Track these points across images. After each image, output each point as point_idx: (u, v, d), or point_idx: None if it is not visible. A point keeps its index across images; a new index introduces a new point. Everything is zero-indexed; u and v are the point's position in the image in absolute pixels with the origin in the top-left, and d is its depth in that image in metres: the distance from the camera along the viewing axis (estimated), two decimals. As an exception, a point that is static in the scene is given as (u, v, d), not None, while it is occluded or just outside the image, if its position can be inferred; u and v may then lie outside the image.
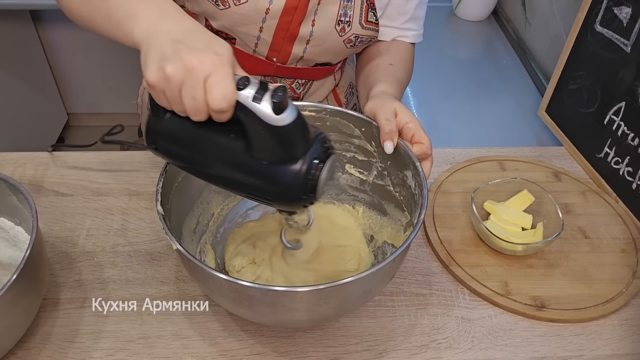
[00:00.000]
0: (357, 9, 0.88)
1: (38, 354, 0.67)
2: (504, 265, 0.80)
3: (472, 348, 0.70)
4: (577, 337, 0.72)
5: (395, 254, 0.57)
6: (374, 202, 0.80)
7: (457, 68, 1.57)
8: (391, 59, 0.92)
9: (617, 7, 0.91)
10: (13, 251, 0.72)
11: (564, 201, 0.91)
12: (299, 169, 0.53)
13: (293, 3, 0.84)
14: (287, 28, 0.87)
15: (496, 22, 1.74)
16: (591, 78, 0.98)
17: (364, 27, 0.90)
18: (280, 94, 0.50)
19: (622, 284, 0.78)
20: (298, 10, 0.85)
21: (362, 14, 0.89)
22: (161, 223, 0.59)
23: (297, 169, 0.53)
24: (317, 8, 0.86)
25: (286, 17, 0.85)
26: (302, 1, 0.84)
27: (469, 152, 1.00)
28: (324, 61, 0.96)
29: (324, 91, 1.05)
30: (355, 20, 0.89)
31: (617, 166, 0.92)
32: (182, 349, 0.68)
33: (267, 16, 0.85)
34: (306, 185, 0.54)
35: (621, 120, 0.91)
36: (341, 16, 0.88)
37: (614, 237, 0.85)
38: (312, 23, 0.87)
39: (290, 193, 0.55)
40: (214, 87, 0.50)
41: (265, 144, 0.53)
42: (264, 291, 0.55)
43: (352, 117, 0.74)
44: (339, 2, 0.87)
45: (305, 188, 0.54)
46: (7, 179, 0.69)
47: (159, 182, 0.63)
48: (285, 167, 0.54)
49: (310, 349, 0.69)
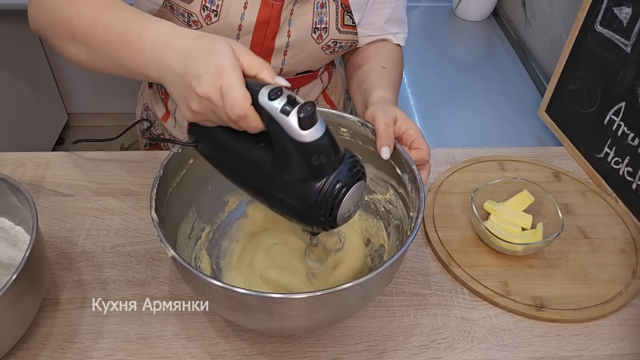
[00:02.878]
0: (333, 14, 0.88)
1: (37, 354, 0.67)
2: (503, 266, 0.80)
3: (471, 348, 0.70)
4: (576, 337, 0.72)
5: (393, 259, 0.57)
6: (369, 206, 0.80)
7: (457, 68, 1.57)
8: (383, 62, 0.92)
9: (617, 7, 0.91)
10: (13, 251, 0.72)
11: (564, 201, 0.91)
12: (319, 188, 0.53)
13: (265, 17, 0.83)
14: (262, 42, 0.86)
15: (496, 22, 1.74)
16: (591, 78, 0.98)
17: (341, 31, 0.90)
18: (308, 108, 0.50)
19: (622, 284, 0.78)
20: (270, 24, 0.84)
21: (338, 19, 0.88)
22: (156, 230, 0.59)
23: (316, 189, 0.53)
24: (290, 19, 0.85)
25: (260, 31, 0.85)
26: (273, 14, 0.83)
27: (468, 152, 1.00)
28: (304, 69, 0.96)
29: (312, 95, 1.06)
30: (332, 26, 0.88)
31: (617, 166, 0.92)
32: (182, 349, 0.68)
33: (241, 32, 0.85)
34: (325, 207, 0.54)
35: (621, 120, 0.91)
36: (316, 23, 0.87)
37: (613, 238, 0.85)
38: (288, 34, 0.87)
39: (307, 212, 0.55)
40: (227, 100, 0.53)
41: (290, 158, 0.53)
42: (261, 298, 0.54)
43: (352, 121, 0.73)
44: (312, 10, 0.86)
45: (324, 210, 0.54)
46: (7, 179, 0.69)
47: (153, 189, 0.63)
48: (306, 185, 0.53)
49: (310, 349, 0.69)
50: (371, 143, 0.72)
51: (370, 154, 0.73)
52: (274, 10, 0.83)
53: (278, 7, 0.83)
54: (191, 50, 0.57)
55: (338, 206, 0.54)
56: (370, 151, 0.73)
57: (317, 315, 0.58)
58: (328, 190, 0.53)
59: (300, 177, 0.53)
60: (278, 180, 0.55)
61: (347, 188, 0.53)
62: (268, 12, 0.83)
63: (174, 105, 1.02)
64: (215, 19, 0.83)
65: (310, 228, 0.57)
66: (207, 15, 0.83)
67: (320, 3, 0.87)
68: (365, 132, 0.73)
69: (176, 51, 0.58)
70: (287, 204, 0.56)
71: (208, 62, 0.54)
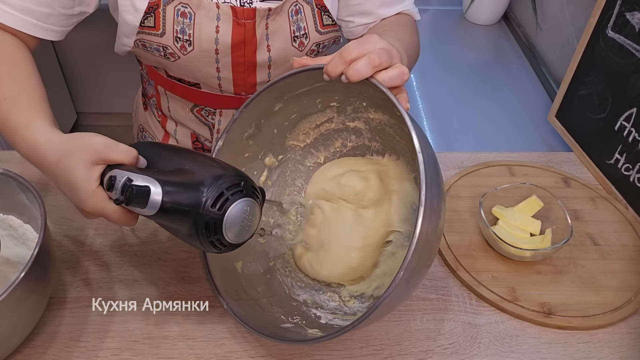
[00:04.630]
0: (310, 18, 0.86)
1: (44, 352, 0.68)
2: (511, 271, 0.79)
3: (478, 354, 0.70)
4: (584, 345, 0.71)
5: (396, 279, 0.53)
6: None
7: (467, 72, 1.56)
8: (384, 28, 0.89)
9: (629, 13, 0.90)
10: (21, 249, 0.72)
11: (573, 207, 0.90)
12: (198, 235, 0.56)
13: (239, 37, 0.82)
14: (243, 61, 0.85)
15: (507, 26, 1.73)
16: (602, 84, 0.97)
17: (322, 32, 0.88)
18: (132, 191, 0.54)
19: (631, 292, 0.77)
20: (247, 42, 0.83)
21: (316, 21, 0.87)
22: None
23: (197, 235, 0.56)
24: (266, 33, 0.84)
25: (238, 51, 0.84)
26: (248, 33, 0.82)
27: (477, 157, 1.00)
28: None
29: None
30: (311, 30, 0.87)
31: (628, 173, 0.91)
32: (187, 350, 0.68)
33: (219, 56, 0.84)
34: (215, 244, 0.57)
35: (632, 126, 0.90)
36: (295, 32, 0.86)
37: (623, 245, 0.84)
38: (268, 49, 0.86)
39: (213, 249, 0.58)
40: (108, 218, 0.59)
41: (164, 225, 0.60)
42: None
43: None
44: (287, 20, 0.85)
45: (218, 245, 0.57)
46: (16, 177, 0.69)
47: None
48: (193, 232, 0.56)
49: (315, 352, 0.69)
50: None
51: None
52: (247, 29, 0.82)
53: (251, 25, 0.82)
54: (58, 178, 0.61)
55: (222, 237, 0.56)
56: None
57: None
58: (200, 230, 0.55)
59: (183, 232, 0.57)
60: (179, 237, 0.60)
61: (218, 222, 0.55)
62: (242, 32, 0.82)
63: (174, 126, 1.01)
64: (190, 48, 0.82)
65: (224, 252, 0.60)
66: (181, 46, 0.82)
67: (294, 10, 0.85)
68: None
69: (47, 172, 0.63)
70: (201, 247, 0.58)
71: (73, 198, 0.60)
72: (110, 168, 0.59)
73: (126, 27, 0.83)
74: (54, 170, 0.60)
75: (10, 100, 0.67)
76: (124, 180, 0.56)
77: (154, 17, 0.81)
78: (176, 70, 0.88)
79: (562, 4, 1.41)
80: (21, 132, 0.64)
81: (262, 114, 0.72)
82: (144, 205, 0.55)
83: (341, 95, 0.72)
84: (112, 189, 0.57)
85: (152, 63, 0.91)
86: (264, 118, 0.72)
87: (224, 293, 0.66)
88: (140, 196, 0.54)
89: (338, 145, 0.79)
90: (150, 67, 0.94)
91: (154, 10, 0.80)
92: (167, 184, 0.55)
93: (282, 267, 0.76)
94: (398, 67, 0.58)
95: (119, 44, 0.88)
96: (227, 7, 0.81)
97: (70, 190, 0.59)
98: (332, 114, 0.75)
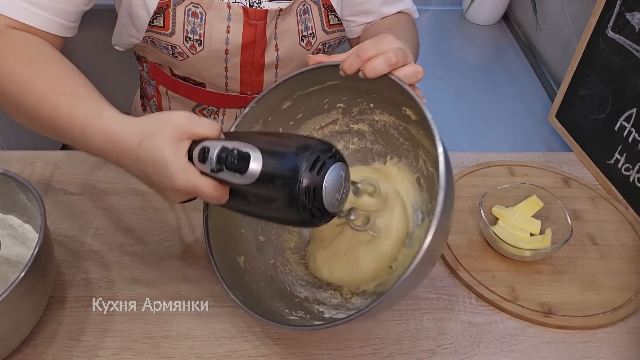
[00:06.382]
0: (317, 17, 0.87)
1: (44, 351, 0.68)
2: (511, 271, 0.79)
3: (478, 354, 0.70)
4: (584, 345, 0.71)
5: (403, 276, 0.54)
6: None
7: (467, 72, 1.56)
8: (387, 26, 0.89)
9: (629, 13, 0.90)
10: (21, 249, 0.72)
11: (573, 207, 0.90)
12: (295, 201, 0.53)
13: (250, 38, 0.83)
14: (252, 61, 0.86)
15: (507, 26, 1.73)
16: (602, 84, 0.97)
17: (329, 32, 0.89)
18: (234, 155, 0.52)
19: (631, 292, 0.77)
20: (257, 43, 0.84)
21: (323, 21, 0.87)
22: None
23: (294, 202, 0.53)
24: (275, 33, 0.85)
25: (247, 51, 0.84)
26: (258, 33, 0.83)
27: (477, 157, 1.00)
28: None
29: None
30: (318, 29, 0.87)
31: (628, 173, 0.91)
32: (187, 350, 0.69)
33: (228, 56, 0.84)
34: (312, 211, 0.54)
35: (632, 126, 0.90)
36: (302, 31, 0.86)
37: (623, 244, 0.84)
38: (276, 48, 0.86)
39: (304, 220, 0.55)
40: (200, 196, 0.56)
41: (255, 195, 0.56)
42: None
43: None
44: (296, 19, 0.85)
45: (313, 214, 0.54)
46: (16, 177, 0.69)
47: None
48: (288, 202, 0.54)
49: (315, 351, 0.69)
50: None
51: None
52: (258, 30, 0.82)
53: (262, 26, 0.82)
54: (141, 161, 0.57)
55: (322, 203, 0.54)
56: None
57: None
58: (301, 197, 0.53)
59: (279, 203, 0.54)
60: (269, 210, 0.57)
61: (318, 186, 0.53)
62: (252, 32, 0.82)
63: None
64: (200, 48, 0.82)
65: (316, 226, 0.58)
66: (191, 46, 0.82)
67: (302, 10, 0.85)
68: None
69: (127, 158, 0.58)
70: (287, 221, 0.58)
71: (161, 179, 0.56)
72: (195, 143, 0.56)
73: (138, 21, 0.83)
74: (137, 152, 0.56)
75: (70, 94, 0.64)
76: (219, 150, 0.53)
77: (163, 17, 0.81)
78: (182, 69, 0.88)
79: (562, 4, 1.41)
80: (93, 123, 0.60)
81: (270, 111, 0.72)
82: (244, 170, 0.52)
83: (349, 95, 0.72)
84: (205, 162, 0.54)
85: (158, 60, 0.91)
86: (271, 115, 0.72)
87: (230, 284, 0.66)
88: (241, 161, 0.52)
89: (340, 148, 0.79)
90: (154, 65, 0.94)
91: (163, 10, 0.80)
92: (264, 150, 0.53)
93: (282, 265, 0.76)
94: (413, 66, 0.59)
95: (124, 37, 0.87)
96: (238, 7, 0.81)
97: (159, 170, 0.55)
98: (338, 115, 0.75)
